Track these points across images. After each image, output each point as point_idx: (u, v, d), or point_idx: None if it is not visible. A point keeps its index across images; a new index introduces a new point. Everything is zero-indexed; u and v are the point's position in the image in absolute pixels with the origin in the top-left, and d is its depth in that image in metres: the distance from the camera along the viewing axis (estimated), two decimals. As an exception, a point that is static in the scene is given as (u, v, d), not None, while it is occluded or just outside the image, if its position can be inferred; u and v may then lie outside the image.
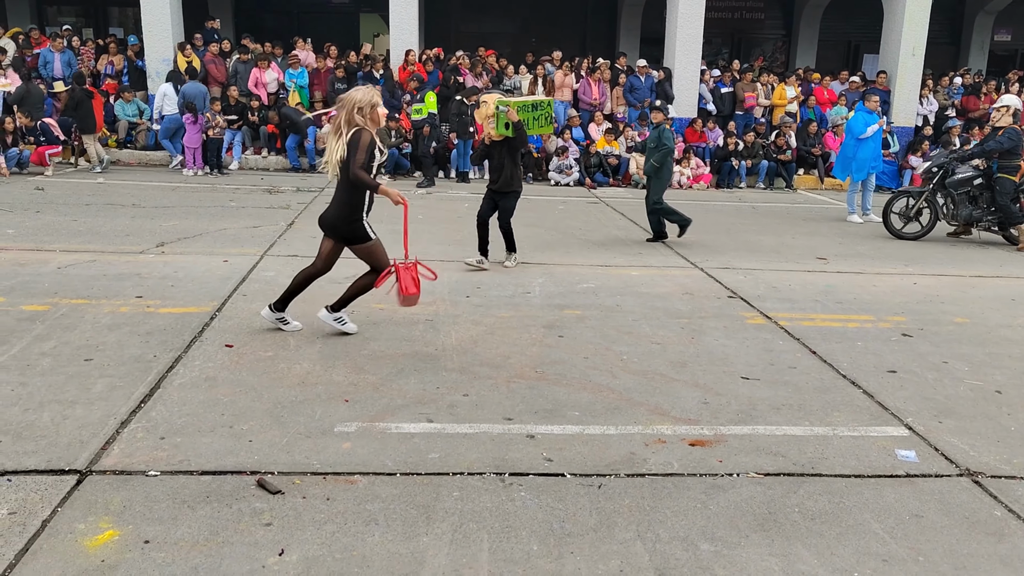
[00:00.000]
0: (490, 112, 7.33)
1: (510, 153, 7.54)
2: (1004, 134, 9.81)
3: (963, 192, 10.14)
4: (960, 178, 10.12)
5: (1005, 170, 9.87)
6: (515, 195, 7.73)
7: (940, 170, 10.29)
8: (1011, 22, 19.70)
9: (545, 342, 5.54)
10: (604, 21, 19.68)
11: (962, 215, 10.15)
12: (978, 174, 10.11)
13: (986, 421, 4.47)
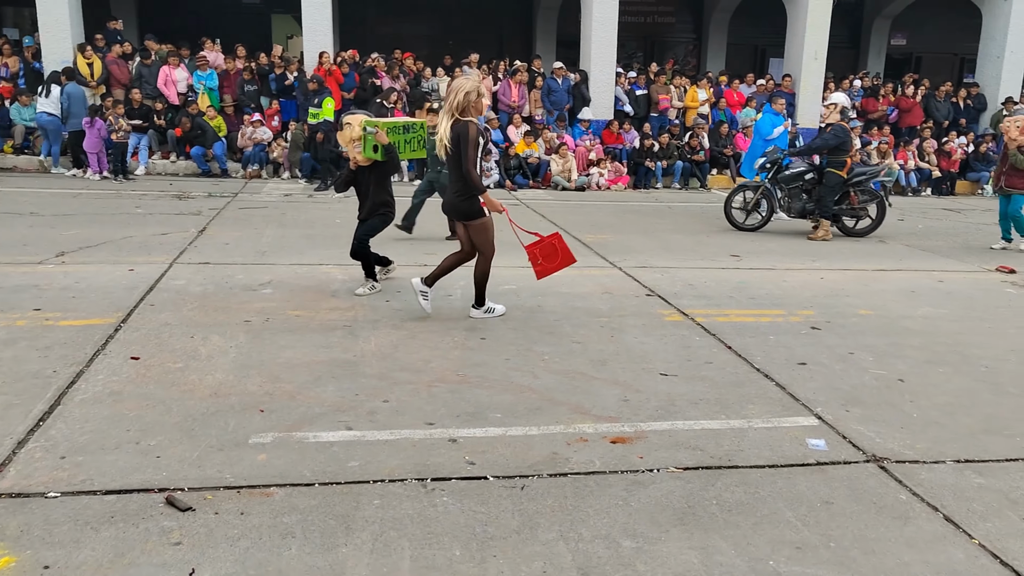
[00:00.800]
0: (356, 135, 6.59)
1: (379, 179, 6.76)
2: (831, 131, 10.22)
3: (795, 186, 10.59)
4: (791, 173, 10.58)
5: (833, 165, 10.25)
6: (384, 218, 6.85)
7: (774, 165, 10.73)
8: (906, 27, 20.66)
9: (467, 345, 5.51)
10: (520, 24, 19.80)
11: (795, 207, 10.62)
12: (808, 168, 10.56)
13: (890, 409, 4.65)
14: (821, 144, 10.39)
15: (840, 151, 10.24)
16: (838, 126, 10.19)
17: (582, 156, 14.90)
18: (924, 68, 20.06)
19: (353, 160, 6.74)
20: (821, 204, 10.39)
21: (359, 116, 6.78)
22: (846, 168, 10.31)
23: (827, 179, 10.33)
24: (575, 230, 10.11)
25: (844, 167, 10.29)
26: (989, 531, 3.36)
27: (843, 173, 10.30)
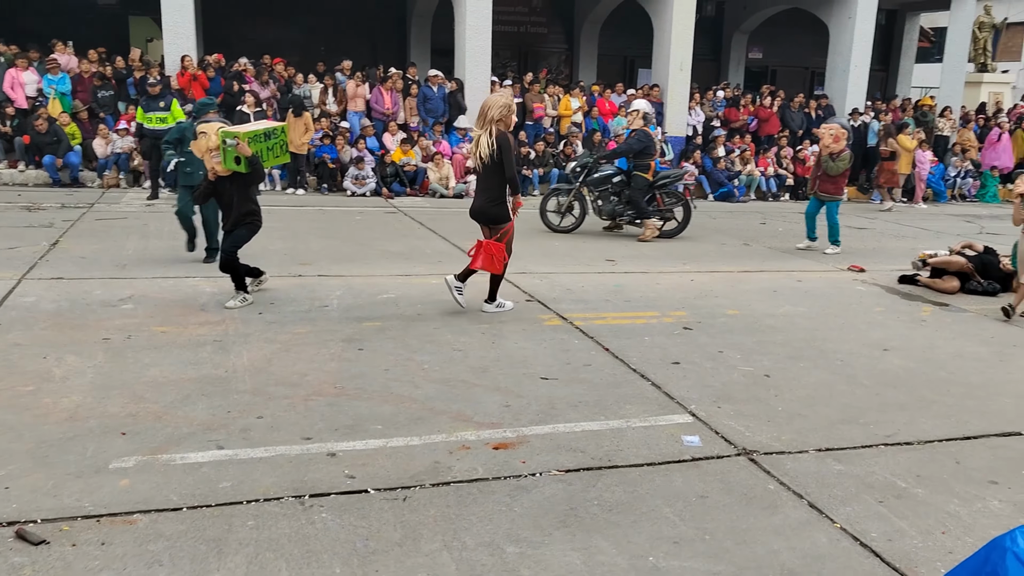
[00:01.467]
0: (213, 144, 6.29)
1: (240, 189, 6.46)
2: (635, 136, 10.62)
3: (604, 189, 10.99)
4: (599, 176, 10.96)
5: (639, 168, 10.62)
6: (251, 227, 6.59)
7: (583, 169, 11.11)
8: (762, 42, 21.84)
9: (344, 356, 5.39)
10: (394, 31, 19.65)
11: (605, 210, 10.97)
12: (616, 172, 10.96)
13: (757, 403, 4.87)
14: (626, 149, 10.78)
15: (645, 155, 10.62)
16: (641, 131, 10.59)
17: (459, 164, 14.92)
18: (779, 80, 21.25)
19: (212, 170, 6.41)
20: (636, 206, 10.72)
21: (214, 124, 6.49)
22: (651, 171, 10.71)
23: (634, 182, 10.72)
24: (454, 238, 10.10)
25: (649, 170, 10.68)
26: (849, 515, 3.56)
27: (649, 176, 10.69)
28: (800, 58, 21.76)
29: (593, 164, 11.07)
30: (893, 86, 22.18)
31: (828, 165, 10.14)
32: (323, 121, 14.59)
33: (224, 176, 6.42)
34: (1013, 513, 3.63)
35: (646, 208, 10.75)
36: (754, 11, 20.43)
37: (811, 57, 20.84)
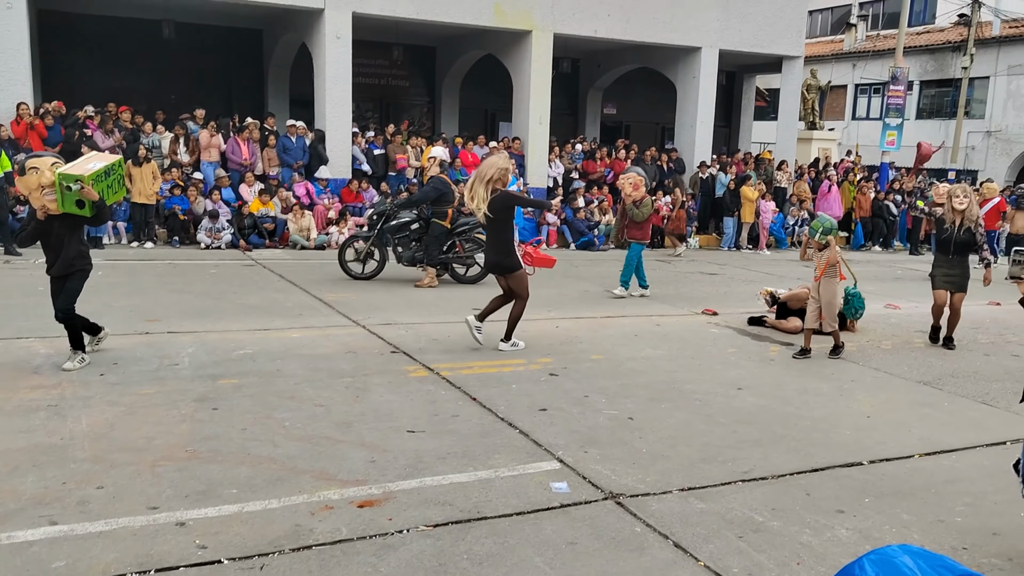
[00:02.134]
0: (46, 181, 5.76)
1: (72, 229, 6.02)
2: (430, 183, 10.75)
3: (403, 235, 11.00)
4: (396, 223, 10.88)
5: (437, 215, 10.68)
6: (82, 274, 6.15)
7: (380, 217, 11.11)
8: (615, 98, 22.88)
9: (197, 417, 5.08)
10: (251, 81, 19.23)
11: (405, 256, 10.92)
12: (414, 219, 10.89)
13: (623, 447, 4.95)
14: (422, 196, 10.82)
15: (442, 202, 10.66)
16: (438, 178, 10.64)
17: (321, 214, 14.66)
18: (633, 134, 22.26)
19: (43, 209, 5.85)
20: (428, 253, 10.73)
21: (47, 159, 5.95)
22: (448, 218, 10.77)
23: (432, 229, 10.72)
24: (315, 289, 9.85)
25: (447, 217, 10.73)
26: (712, 552, 3.64)
27: (446, 223, 10.75)
28: (651, 114, 22.92)
29: (391, 211, 10.99)
30: (736, 141, 23.71)
31: (633, 212, 10.55)
32: (174, 171, 14.00)
33: (54, 215, 5.91)
34: (859, 541, 3.82)
35: (436, 256, 10.74)
36: (607, 69, 21.42)
37: (661, 113, 21.99)
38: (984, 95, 27.61)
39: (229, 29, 18.41)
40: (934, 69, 28.99)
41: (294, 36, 17.23)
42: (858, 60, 30.91)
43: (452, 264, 11.10)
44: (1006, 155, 26.87)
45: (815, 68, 24.65)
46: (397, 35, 17.98)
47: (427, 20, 16.33)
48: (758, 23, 19.28)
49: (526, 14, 16.93)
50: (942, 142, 26.06)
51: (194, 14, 16.68)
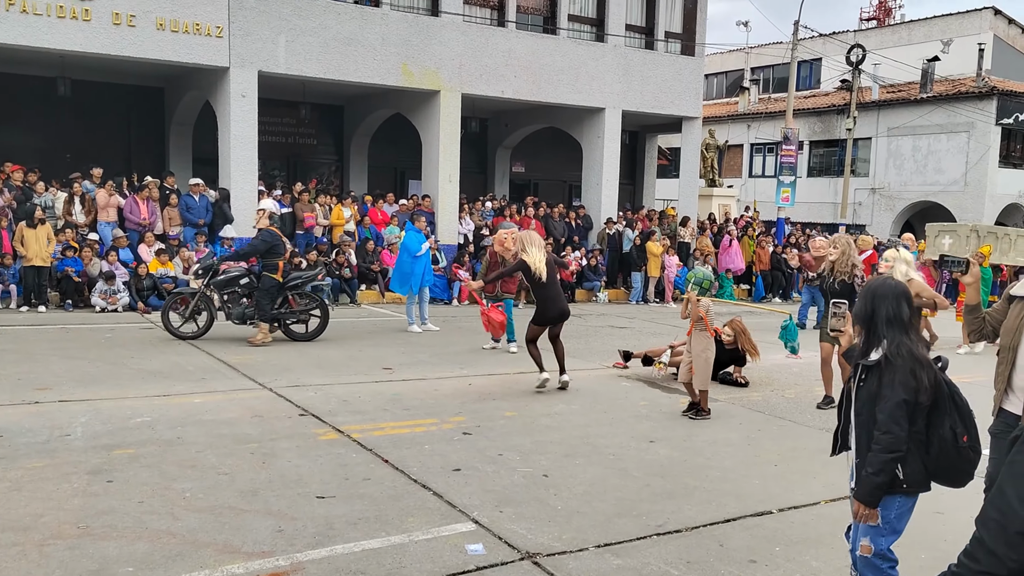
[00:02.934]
0: None
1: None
2: (259, 236, 10.43)
3: (232, 291, 10.60)
4: (225, 278, 10.56)
5: (268, 269, 10.38)
6: None
7: (207, 272, 10.67)
8: (523, 157, 23.32)
9: (90, 491, 4.78)
10: (151, 139, 18.75)
11: (235, 313, 10.55)
12: (244, 273, 10.59)
13: (538, 504, 4.91)
14: (250, 250, 10.53)
15: (272, 255, 10.40)
16: (266, 231, 10.36)
17: (226, 275, 14.27)
18: (541, 192, 22.68)
19: None
20: (259, 308, 10.39)
21: None
22: (280, 272, 10.47)
23: (263, 283, 10.41)
24: (219, 351, 9.52)
25: (278, 271, 10.43)
26: (630, 608, 3.62)
27: (278, 277, 10.43)
28: (559, 172, 23.44)
29: (217, 266, 10.64)
30: (640, 198, 24.45)
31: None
32: (68, 232, 13.43)
33: None
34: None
35: (268, 311, 10.38)
36: (515, 129, 21.87)
37: (568, 171, 22.52)
38: (868, 155, 29.41)
39: (129, 87, 17.98)
40: (821, 130, 30.77)
41: (197, 94, 16.96)
42: (752, 121, 32.54)
43: (286, 320, 10.67)
44: (890, 210, 28.59)
45: (713, 128, 25.82)
46: (304, 94, 17.93)
47: (334, 80, 16.37)
48: (658, 85, 20.11)
49: (434, 74, 17.19)
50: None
51: (92, 72, 16.24)
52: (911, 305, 3.31)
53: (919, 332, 3.39)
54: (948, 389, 3.22)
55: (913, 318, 3.31)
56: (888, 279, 3.43)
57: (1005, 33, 30.44)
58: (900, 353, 3.20)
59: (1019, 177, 27.50)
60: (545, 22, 19.07)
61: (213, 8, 14.88)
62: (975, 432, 3.19)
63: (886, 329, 3.25)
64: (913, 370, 3.17)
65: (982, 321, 3.89)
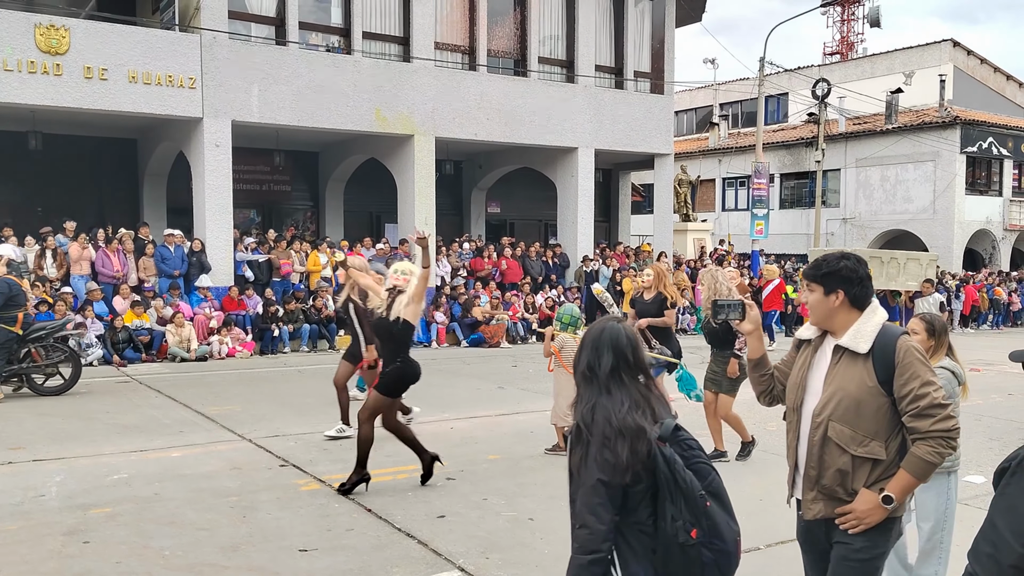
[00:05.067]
0: None
1: None
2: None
3: None
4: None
5: (4, 321, 9.42)
6: None
7: None
8: (498, 197, 23.47)
9: (66, 552, 4.67)
10: (125, 190, 18.68)
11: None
12: None
13: (524, 549, 4.85)
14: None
15: (11, 306, 9.45)
16: (3, 280, 9.47)
17: (202, 324, 14.14)
18: (517, 232, 22.80)
19: None
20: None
21: None
22: (19, 323, 9.56)
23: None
24: (197, 404, 9.39)
25: (16, 323, 9.52)
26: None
27: (16, 329, 9.51)
28: (534, 211, 23.59)
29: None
30: (615, 234, 24.63)
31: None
32: (40, 286, 13.28)
33: None
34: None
35: (2, 365, 9.48)
36: (490, 170, 22.03)
37: (543, 210, 22.67)
38: (837, 185, 29.93)
39: (101, 139, 17.95)
40: (791, 163, 31.30)
41: (171, 145, 16.96)
42: (723, 156, 33.05)
43: (30, 374, 9.87)
44: (862, 240, 29.01)
45: (685, 164, 26.18)
46: (278, 141, 18.00)
47: (308, 127, 16.46)
48: (629, 124, 20.40)
49: (407, 119, 17.33)
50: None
51: (64, 125, 16.21)
52: (635, 353, 2.54)
53: (654, 388, 2.57)
54: (668, 467, 2.39)
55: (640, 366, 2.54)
56: (610, 322, 2.63)
57: (964, 64, 31.30)
58: (594, 419, 2.44)
59: (985, 203, 28.10)
60: (516, 65, 19.35)
61: (185, 59, 14.95)
62: (714, 524, 2.38)
63: (584, 388, 2.54)
64: (608, 441, 2.39)
65: (771, 379, 3.09)
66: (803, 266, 18.37)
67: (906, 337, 2.82)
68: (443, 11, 18.12)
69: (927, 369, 2.75)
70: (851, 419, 2.76)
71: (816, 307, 2.89)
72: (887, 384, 2.75)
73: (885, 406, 2.75)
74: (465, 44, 18.52)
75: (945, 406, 2.69)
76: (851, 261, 2.86)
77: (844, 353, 2.83)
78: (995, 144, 27.88)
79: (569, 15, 19.75)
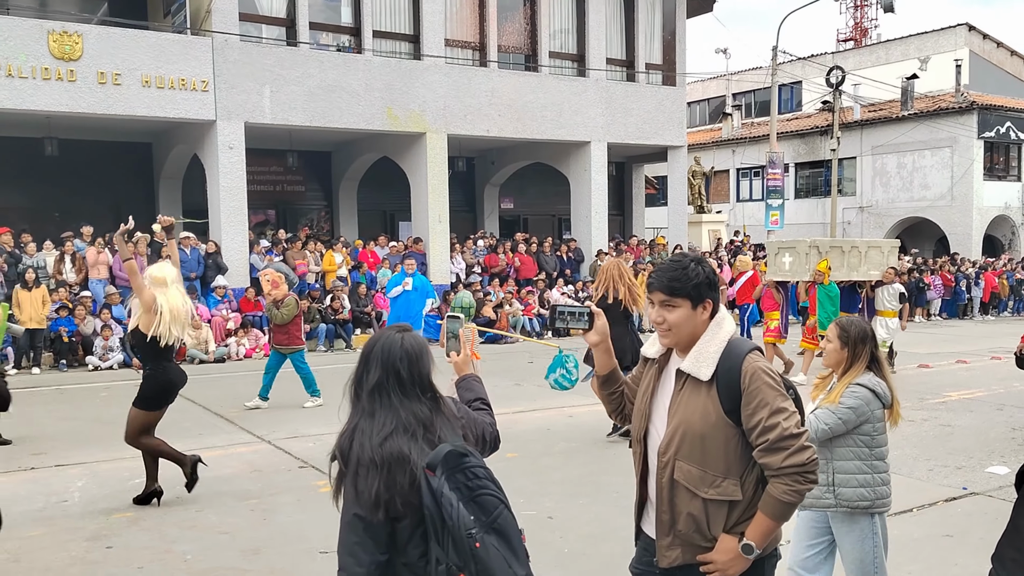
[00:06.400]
0: None
1: None
2: None
3: None
4: None
5: None
6: None
7: None
8: (511, 193, 23.46)
9: (89, 558, 4.71)
10: (141, 195, 18.80)
11: None
12: None
13: (544, 548, 4.84)
14: None
15: None
16: None
17: (219, 326, 14.23)
18: (531, 227, 22.78)
19: None
20: None
21: None
22: None
23: None
24: (216, 405, 9.45)
25: None
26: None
27: None
28: (547, 206, 23.56)
29: None
30: (630, 228, 24.56)
31: (272, 313, 9.19)
32: (60, 292, 13.41)
33: None
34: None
35: None
36: (502, 166, 22.02)
37: (556, 205, 22.64)
38: (853, 174, 29.68)
39: (116, 143, 18.07)
40: (806, 152, 31.07)
41: (185, 148, 17.06)
42: (737, 146, 32.85)
43: None
44: (879, 228, 28.76)
45: (698, 155, 26.06)
46: (291, 142, 18.06)
47: (320, 127, 16.50)
48: (641, 117, 20.31)
49: (418, 117, 17.34)
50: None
51: (79, 131, 16.34)
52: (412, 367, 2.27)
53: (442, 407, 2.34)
54: (433, 500, 2.09)
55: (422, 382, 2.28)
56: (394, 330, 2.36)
57: (980, 48, 30.93)
58: (351, 445, 2.22)
59: (1004, 189, 27.77)
60: (527, 60, 19.30)
61: (198, 63, 15.02)
62: (487, 568, 2.11)
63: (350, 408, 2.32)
64: (362, 470, 2.17)
65: (621, 396, 2.73)
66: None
67: (753, 357, 2.41)
68: (453, 8, 18.11)
69: (777, 394, 2.35)
70: (698, 457, 2.39)
71: (681, 326, 2.43)
72: (734, 414, 2.37)
73: (735, 439, 2.39)
74: (475, 40, 18.50)
75: (798, 436, 2.32)
76: (705, 263, 2.48)
77: (688, 379, 2.45)
78: (1013, 128, 27.54)
79: (579, 9, 19.68)
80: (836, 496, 3.37)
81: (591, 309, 2.61)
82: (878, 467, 3.40)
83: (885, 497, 3.42)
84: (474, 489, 2.15)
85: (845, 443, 3.39)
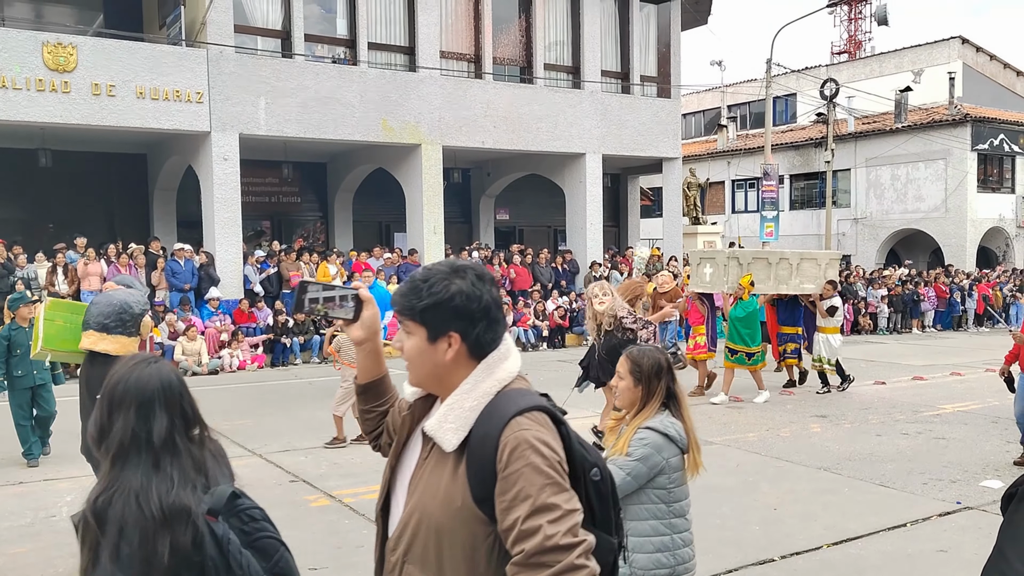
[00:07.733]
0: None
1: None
2: None
3: None
4: None
5: None
6: None
7: None
8: (507, 204, 23.48)
9: (77, 574, 4.65)
10: (135, 206, 18.78)
11: None
12: None
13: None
14: None
15: None
16: None
17: (213, 338, 14.18)
18: (526, 238, 22.77)
19: None
20: None
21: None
22: None
23: None
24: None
25: None
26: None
27: None
28: (543, 217, 23.58)
29: None
30: (625, 239, 24.57)
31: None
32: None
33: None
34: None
35: None
36: (497, 177, 22.04)
37: (552, 216, 22.65)
38: (848, 185, 29.76)
39: (111, 155, 18.05)
40: (801, 164, 31.16)
41: (179, 159, 17.04)
42: (732, 158, 32.94)
43: None
44: (874, 239, 28.84)
45: (693, 167, 26.10)
46: (286, 153, 18.05)
47: (315, 138, 16.49)
48: (636, 128, 20.36)
49: (413, 128, 17.35)
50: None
51: (73, 142, 16.32)
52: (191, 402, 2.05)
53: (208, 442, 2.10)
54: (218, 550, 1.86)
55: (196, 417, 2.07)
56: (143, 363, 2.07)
57: (974, 60, 31.10)
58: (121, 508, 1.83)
59: (998, 201, 27.87)
60: (522, 72, 19.35)
61: (192, 74, 15.02)
62: None
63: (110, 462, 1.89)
64: (145, 535, 1.80)
65: (380, 419, 2.03)
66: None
67: (522, 422, 1.63)
68: (448, 20, 18.15)
69: (546, 483, 1.57)
70: (432, 563, 1.66)
71: (414, 361, 1.75)
72: (487, 504, 1.61)
73: (487, 542, 1.64)
74: (471, 52, 18.54)
75: (568, 549, 1.54)
76: (469, 279, 1.71)
77: (434, 445, 1.72)
78: (1006, 141, 27.67)
79: (574, 21, 19.74)
80: (630, 565, 2.84)
81: (359, 294, 1.93)
82: (678, 526, 2.91)
83: (687, 561, 2.92)
84: (251, 533, 1.92)
85: (638, 499, 2.89)
